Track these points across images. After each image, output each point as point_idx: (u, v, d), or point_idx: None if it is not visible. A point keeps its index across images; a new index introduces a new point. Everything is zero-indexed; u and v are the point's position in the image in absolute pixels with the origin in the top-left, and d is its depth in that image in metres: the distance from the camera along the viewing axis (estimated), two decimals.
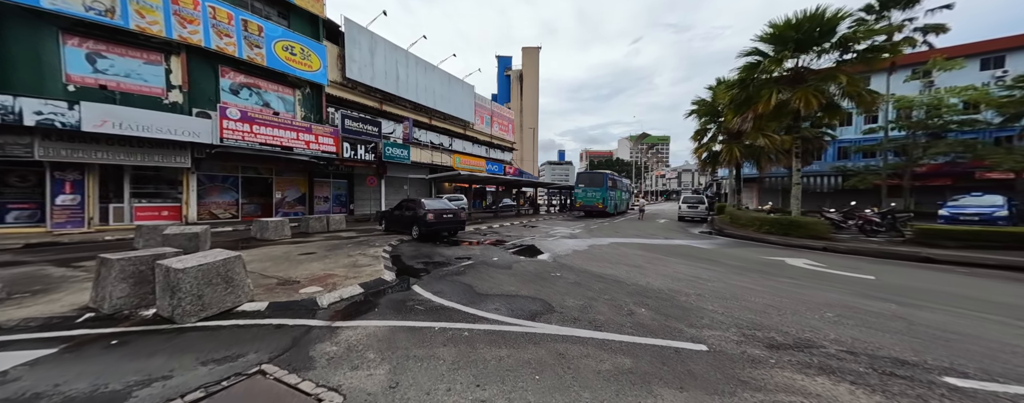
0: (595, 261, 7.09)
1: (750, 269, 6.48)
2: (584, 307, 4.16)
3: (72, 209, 11.07)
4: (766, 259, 7.52)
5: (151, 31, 11.35)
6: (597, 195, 21.55)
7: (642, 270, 6.20)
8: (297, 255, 7.15)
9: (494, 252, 8.20)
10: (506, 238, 10.98)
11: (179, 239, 6.78)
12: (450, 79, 25.49)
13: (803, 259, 7.47)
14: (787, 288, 5.14)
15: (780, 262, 7.24)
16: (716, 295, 4.73)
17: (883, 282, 5.61)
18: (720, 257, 7.77)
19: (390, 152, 19.02)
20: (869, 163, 23.34)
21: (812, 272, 6.30)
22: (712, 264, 6.87)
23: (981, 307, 4.43)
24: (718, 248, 9.16)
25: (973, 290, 5.26)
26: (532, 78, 54.40)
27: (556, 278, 5.64)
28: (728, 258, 7.67)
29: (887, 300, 4.63)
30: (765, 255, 8.10)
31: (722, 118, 16.20)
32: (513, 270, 6.23)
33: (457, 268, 6.34)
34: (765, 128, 10.95)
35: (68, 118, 9.71)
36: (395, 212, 11.63)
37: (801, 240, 9.49)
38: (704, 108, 16.21)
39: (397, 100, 21.29)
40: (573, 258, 7.43)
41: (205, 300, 3.56)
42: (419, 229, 10.19)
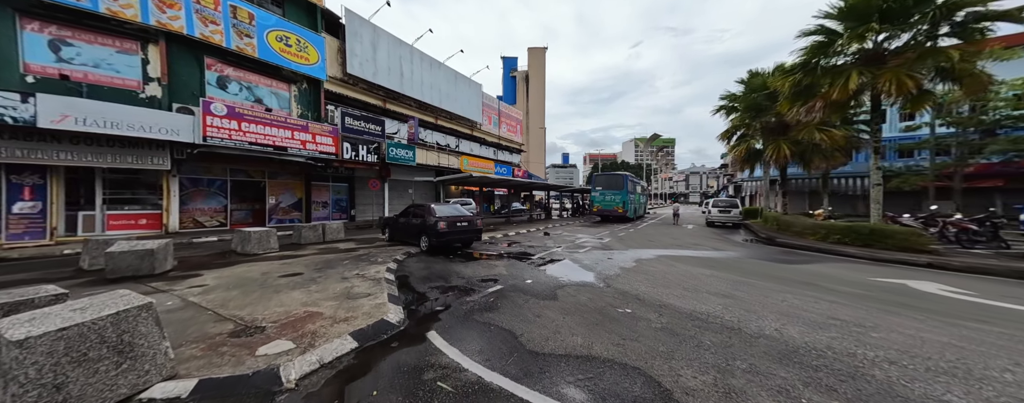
0: (662, 286, 5.45)
1: (885, 300, 4.78)
2: (726, 395, 2.51)
3: (31, 218, 9.65)
4: (882, 283, 5.79)
5: (124, 15, 10.00)
6: (616, 198, 19.89)
7: (743, 304, 4.53)
8: (277, 277, 5.60)
9: (523, 270, 6.61)
10: (529, 250, 9.38)
11: (127, 257, 5.27)
12: (457, 77, 24.11)
13: (932, 283, 5.74)
14: (994, 340, 3.46)
15: (904, 287, 5.55)
16: (911, 359, 3.01)
17: None
18: (818, 279, 6.07)
19: (394, 153, 17.56)
20: (908, 163, 21.61)
21: (978, 306, 4.61)
22: (824, 292, 5.18)
23: None
24: (797, 265, 7.46)
25: None
26: (539, 79, 53.14)
27: (629, 318, 4.02)
28: (828, 280, 5.99)
29: None
30: (868, 275, 6.40)
31: (764, 112, 14.47)
32: (561, 301, 4.63)
33: (485, 297, 4.75)
34: (831, 119, 9.30)
35: (21, 112, 8.31)
36: (400, 219, 10.10)
37: (892, 253, 7.77)
38: (746, 100, 14.47)
39: (401, 98, 19.89)
40: (629, 280, 5.80)
41: (71, 391, 2.00)
42: (429, 240, 8.63)
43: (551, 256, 8.32)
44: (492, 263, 7.31)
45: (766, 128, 15.21)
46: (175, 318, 3.69)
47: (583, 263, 7.42)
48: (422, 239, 8.88)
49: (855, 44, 8.23)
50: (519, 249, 9.49)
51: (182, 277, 5.53)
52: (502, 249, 9.49)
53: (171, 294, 4.59)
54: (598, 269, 6.77)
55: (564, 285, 5.46)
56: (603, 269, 6.76)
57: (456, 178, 14.05)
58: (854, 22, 8.48)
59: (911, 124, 20.75)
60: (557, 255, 8.48)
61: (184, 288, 4.88)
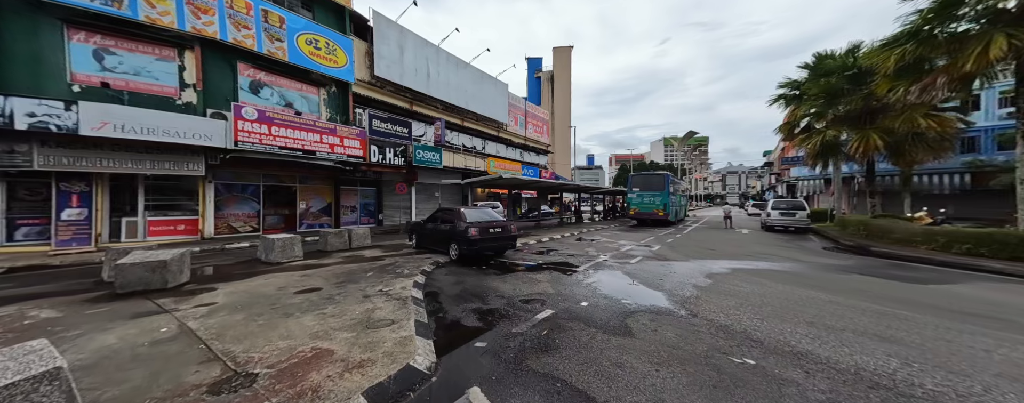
0: (772, 317, 4.17)
1: None
2: None
3: (78, 225, 9.87)
4: None
5: (162, 23, 10.09)
6: (656, 200, 18.26)
7: (927, 355, 3.14)
8: (293, 293, 4.95)
9: (572, 287, 5.58)
10: (570, 259, 8.32)
11: (137, 270, 4.83)
12: (482, 77, 23.52)
13: None
14: None
15: None
16: None
17: None
18: (996, 309, 4.54)
19: (421, 156, 17.11)
20: (1011, 157, 18.28)
21: None
22: (1016, 331, 3.76)
23: None
24: (938, 286, 5.82)
25: None
26: (564, 79, 51.87)
27: (759, 377, 2.84)
28: (1015, 311, 4.46)
29: None
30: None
31: (841, 98, 12.28)
32: (640, 338, 3.57)
33: (535, 328, 3.80)
34: (954, 97, 7.45)
35: (65, 120, 8.43)
36: (428, 225, 9.39)
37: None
38: (818, 86, 12.32)
39: (427, 100, 19.51)
40: (718, 306, 4.59)
41: None
42: (459, 248, 7.81)
43: (599, 267, 7.22)
44: (533, 277, 6.34)
45: (845, 117, 13.07)
46: (157, 354, 3.03)
47: (642, 278, 6.26)
48: (451, 247, 8.09)
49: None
50: (558, 258, 8.46)
51: (194, 291, 5.03)
52: (539, 258, 8.50)
53: (171, 316, 4.02)
54: (666, 287, 5.61)
55: (632, 311, 4.37)
56: (673, 287, 5.58)
57: (486, 180, 13.31)
58: None
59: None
60: (605, 266, 7.38)
61: (189, 307, 4.32)
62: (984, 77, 7.22)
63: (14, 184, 9.56)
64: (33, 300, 4.75)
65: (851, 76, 12.06)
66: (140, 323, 3.79)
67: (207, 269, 7.18)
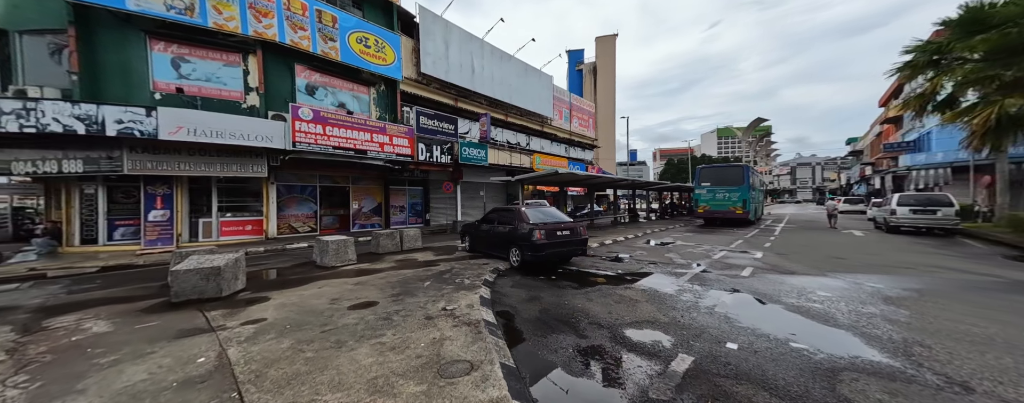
0: None
1: None
2: None
3: (162, 225, 10.55)
4: None
5: (228, 28, 10.41)
6: (733, 196, 15.88)
7: None
8: (345, 309, 4.33)
9: (692, 314, 4.32)
10: (652, 269, 6.99)
11: (192, 278, 4.52)
12: (527, 69, 22.49)
13: None
14: None
15: None
16: None
17: None
18: None
19: (467, 153, 16.56)
20: None
21: None
22: None
23: None
24: None
25: None
26: (608, 69, 49.18)
27: None
28: None
29: None
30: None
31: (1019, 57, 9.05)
32: None
33: (675, 388, 2.66)
34: None
35: (146, 125, 8.89)
36: (483, 226, 8.58)
37: None
38: (983, 41, 8.94)
39: (472, 96, 18.94)
40: (976, 363, 2.96)
41: None
42: (522, 253, 6.86)
43: (705, 282, 5.83)
44: (623, 294, 5.18)
45: (1014, 82, 9.89)
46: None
47: (785, 301, 4.75)
48: (512, 251, 7.17)
49: None
50: (637, 266, 7.17)
51: (247, 302, 4.65)
52: (616, 267, 7.27)
53: (215, 337, 3.54)
54: (839, 319, 4.05)
55: (830, 366, 2.93)
56: (852, 320, 3.98)
57: (539, 176, 12.33)
58: None
59: None
60: (711, 280, 5.96)
61: (236, 325, 3.85)
62: None
63: (112, 188, 10.42)
64: (96, 307, 4.64)
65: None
66: (181, 346, 3.33)
67: (265, 273, 7.01)
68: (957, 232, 12.04)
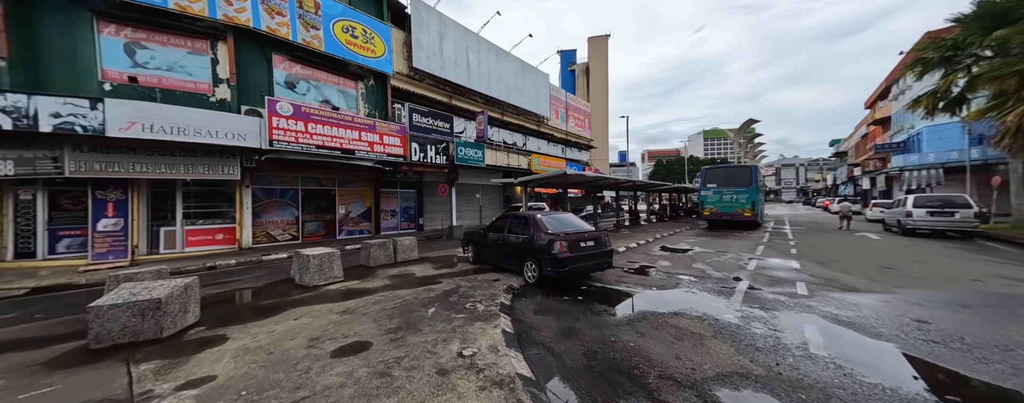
0: None
1: None
2: None
3: (115, 236, 9.13)
4: None
5: (193, 11, 9.12)
6: (741, 198, 15.33)
7: None
8: (329, 356, 3.28)
9: (800, 364, 3.38)
10: (690, 286, 6.12)
11: (121, 315, 3.38)
12: (524, 67, 21.64)
13: None
14: None
15: None
16: None
17: None
18: None
19: (463, 153, 15.55)
20: None
21: None
22: None
23: None
24: None
25: None
26: (601, 70, 48.89)
27: None
28: None
29: None
30: None
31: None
32: None
33: None
34: None
35: (91, 120, 7.56)
36: (490, 235, 7.59)
37: None
38: (1015, 32, 8.64)
39: (467, 93, 17.94)
40: None
41: None
42: (540, 268, 5.91)
43: (764, 305, 4.98)
44: (680, 326, 4.27)
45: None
46: None
47: (894, 334, 3.82)
48: (527, 265, 6.20)
49: None
50: (672, 282, 6.30)
51: (197, 345, 3.53)
52: (645, 281, 6.39)
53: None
54: (994, 357, 3.23)
55: None
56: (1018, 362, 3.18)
57: (543, 178, 11.46)
58: None
59: None
60: (772, 302, 5.10)
61: (172, 389, 2.73)
62: None
63: (56, 193, 8.98)
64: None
65: None
66: None
67: (232, 295, 5.84)
68: (976, 234, 11.71)
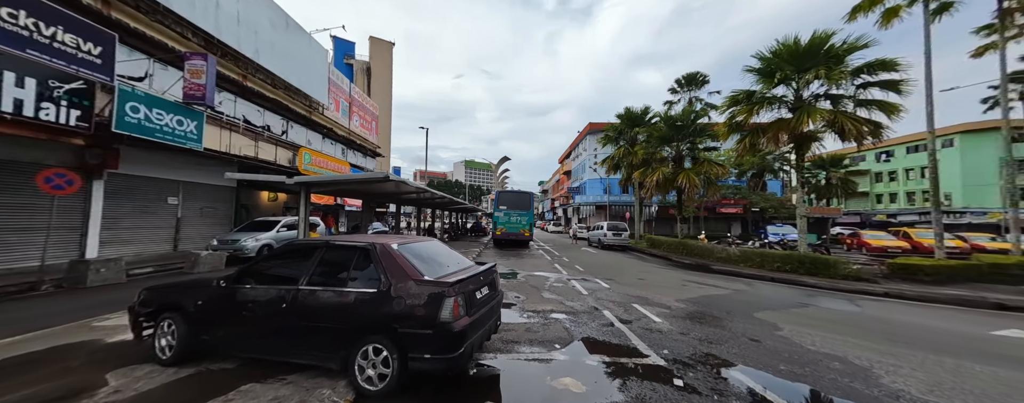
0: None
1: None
2: None
3: None
4: (957, 331, 5.23)
5: None
6: (522, 220, 17.69)
7: None
8: None
9: None
10: (589, 330, 5.15)
11: None
12: (290, 25, 15.43)
13: (1019, 330, 5.20)
14: None
15: (1019, 341, 4.82)
16: None
17: None
18: (902, 330, 5.30)
19: (140, 116, 8.03)
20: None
21: None
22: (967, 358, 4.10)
23: None
24: (834, 306, 6.78)
25: None
26: (385, 76, 45.67)
27: None
28: (912, 331, 5.41)
29: None
30: (908, 317, 5.96)
31: (670, 142, 16.55)
32: None
33: None
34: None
35: None
36: (247, 289, 3.33)
37: (835, 282, 8.49)
38: (651, 129, 15.88)
39: (165, 15, 9.99)
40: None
41: None
42: (403, 355, 2.79)
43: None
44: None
45: (647, 160, 17.62)
46: None
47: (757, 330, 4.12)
48: (367, 355, 2.87)
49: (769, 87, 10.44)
50: (561, 331, 5.04)
51: None
52: (533, 335, 4.76)
53: None
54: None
55: None
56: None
57: (361, 179, 7.31)
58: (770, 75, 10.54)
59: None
60: (678, 336, 4.78)
61: None
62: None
63: None
64: None
65: (675, 127, 16.62)
66: None
67: None
68: (628, 247, 19.40)
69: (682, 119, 16.82)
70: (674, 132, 16.53)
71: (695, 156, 16.81)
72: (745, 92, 11.21)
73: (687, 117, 17.00)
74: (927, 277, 8.78)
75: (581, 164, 45.35)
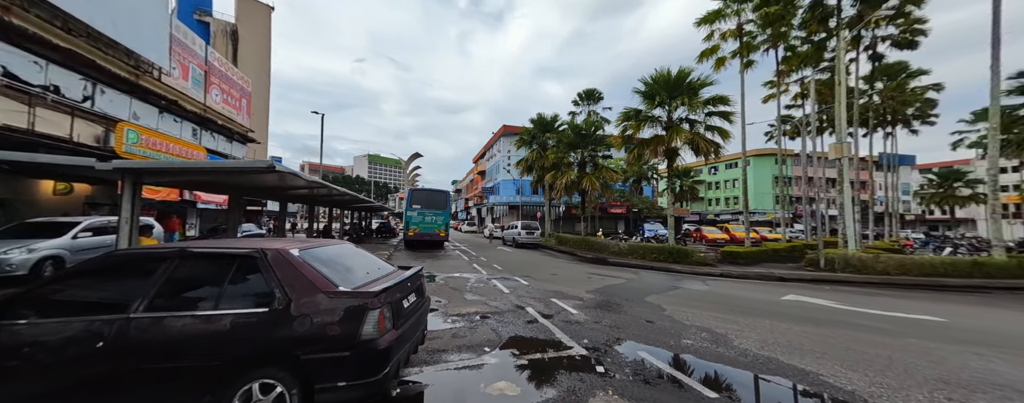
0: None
1: (817, 320, 5.58)
2: None
3: None
4: (766, 299, 7.15)
5: None
6: (438, 220, 16.82)
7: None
8: None
9: None
10: (502, 323, 5.07)
11: None
12: None
13: (794, 294, 7.47)
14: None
15: (797, 302, 6.85)
16: None
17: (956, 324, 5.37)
18: (739, 303, 6.87)
19: None
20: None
21: (870, 316, 5.81)
22: (776, 318, 5.59)
23: None
24: (688, 287, 8.47)
25: None
26: (260, 45, 37.52)
27: None
28: (751, 304, 7.04)
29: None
30: (737, 291, 7.98)
31: (576, 148, 18.18)
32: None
33: None
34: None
35: None
36: (21, 332, 2.09)
37: (693, 267, 10.96)
38: (561, 135, 17.22)
39: None
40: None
41: None
42: (309, 387, 2.23)
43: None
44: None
45: (556, 164, 19.28)
46: None
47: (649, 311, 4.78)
48: (242, 398, 2.14)
49: (650, 108, 12.78)
50: (491, 333, 4.86)
51: None
52: (464, 339, 4.47)
53: None
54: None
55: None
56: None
57: (197, 168, 5.38)
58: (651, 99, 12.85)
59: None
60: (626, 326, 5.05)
61: None
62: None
63: None
64: None
65: (580, 135, 18.37)
66: None
67: None
68: (540, 245, 20.70)
69: (586, 128, 19.05)
70: (580, 139, 18.59)
71: (595, 162, 19.23)
72: (634, 110, 13.49)
73: (590, 127, 19.32)
74: (742, 260, 12.07)
75: (495, 165, 46.39)
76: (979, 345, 4.39)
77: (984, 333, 5.00)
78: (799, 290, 8.07)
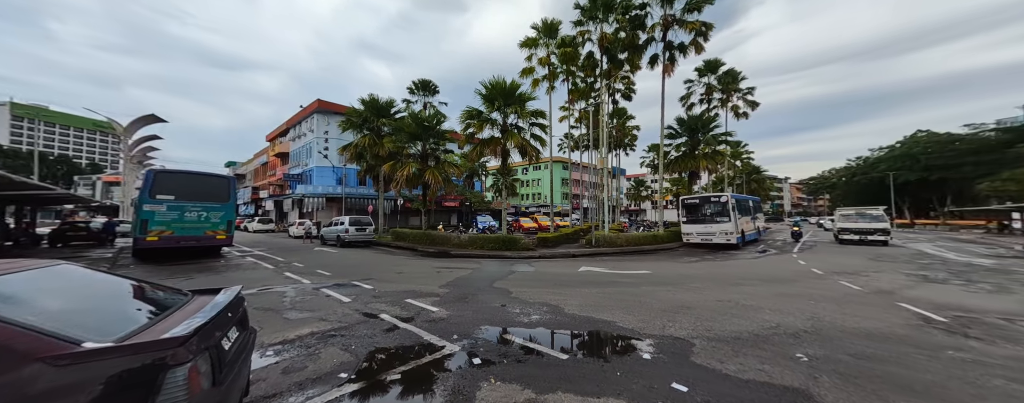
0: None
1: (602, 283, 8.49)
2: None
3: None
4: (572, 272, 9.45)
5: None
6: (214, 217, 11.62)
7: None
8: None
9: None
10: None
11: None
12: None
13: (585, 266, 10.52)
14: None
15: (589, 272, 9.55)
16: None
17: (661, 273, 9.36)
18: (574, 282, 9.28)
19: None
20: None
21: (623, 275, 8.83)
22: (598, 286, 8.37)
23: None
24: (508, 268, 10.33)
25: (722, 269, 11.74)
26: None
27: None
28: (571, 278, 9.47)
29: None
30: (553, 268, 10.12)
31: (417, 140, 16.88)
32: None
33: None
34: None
35: None
36: None
37: (519, 252, 12.94)
38: (400, 123, 15.25)
39: None
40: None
41: None
42: None
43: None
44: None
45: (413, 155, 17.92)
46: None
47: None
48: None
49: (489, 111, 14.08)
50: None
51: None
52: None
53: None
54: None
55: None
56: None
57: None
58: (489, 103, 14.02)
59: None
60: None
61: None
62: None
63: None
64: None
65: (424, 127, 17.21)
66: None
67: None
68: (373, 243, 18.42)
69: (429, 121, 18.51)
70: (422, 131, 17.89)
71: (437, 156, 19.08)
72: (477, 110, 14.50)
73: (433, 120, 18.94)
74: (550, 243, 15.44)
75: (305, 147, 37.32)
76: (668, 285, 7.66)
77: (668, 277, 8.77)
78: (587, 262, 11.37)
